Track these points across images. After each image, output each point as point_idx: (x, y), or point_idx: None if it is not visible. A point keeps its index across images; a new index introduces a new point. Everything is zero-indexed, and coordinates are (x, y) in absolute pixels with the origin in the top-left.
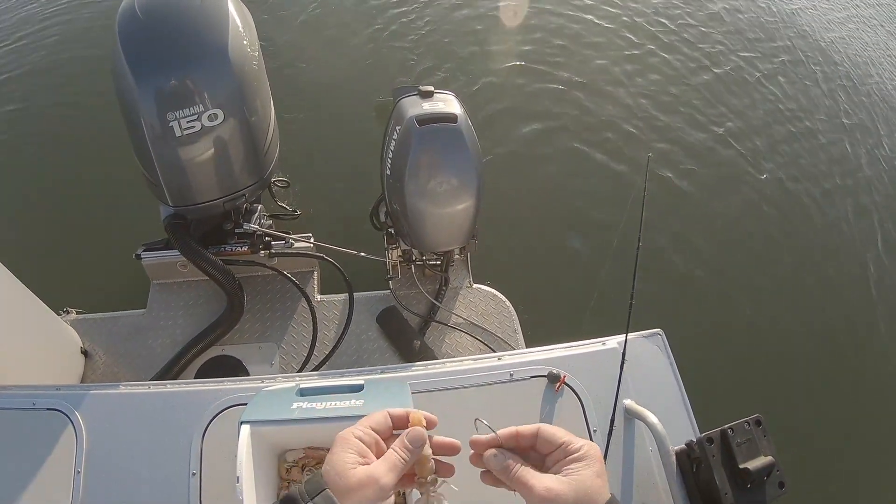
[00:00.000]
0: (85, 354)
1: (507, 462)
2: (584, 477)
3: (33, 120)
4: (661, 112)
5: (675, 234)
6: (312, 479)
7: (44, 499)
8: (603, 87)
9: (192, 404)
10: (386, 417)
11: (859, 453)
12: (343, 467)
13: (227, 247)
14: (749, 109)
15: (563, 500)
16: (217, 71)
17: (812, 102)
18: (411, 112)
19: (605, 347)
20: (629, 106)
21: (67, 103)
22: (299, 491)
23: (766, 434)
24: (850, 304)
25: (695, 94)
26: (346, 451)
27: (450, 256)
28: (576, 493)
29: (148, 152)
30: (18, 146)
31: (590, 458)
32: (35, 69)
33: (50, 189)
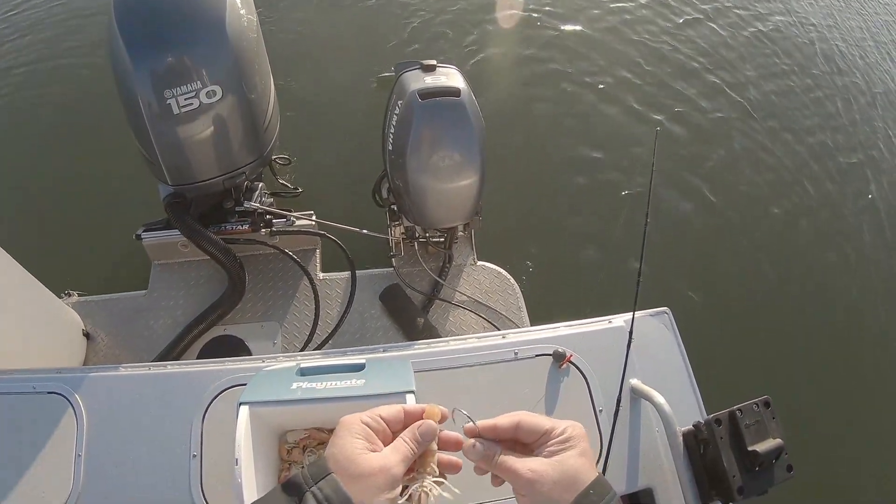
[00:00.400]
0: (87, 336)
1: (486, 452)
2: (566, 457)
3: (31, 103)
4: (671, 82)
5: (683, 211)
6: (316, 463)
7: (45, 483)
8: (611, 59)
9: (193, 385)
10: (400, 412)
11: (864, 438)
12: (353, 452)
13: (228, 225)
14: (765, 79)
15: (548, 479)
16: (215, 47)
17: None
18: (413, 86)
19: (611, 326)
20: (639, 74)
21: (66, 85)
22: (302, 475)
23: (775, 416)
24: (864, 284)
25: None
26: (354, 436)
27: (453, 233)
28: (560, 472)
29: (146, 131)
30: (16, 129)
31: (573, 438)
32: (32, 52)
33: (49, 172)
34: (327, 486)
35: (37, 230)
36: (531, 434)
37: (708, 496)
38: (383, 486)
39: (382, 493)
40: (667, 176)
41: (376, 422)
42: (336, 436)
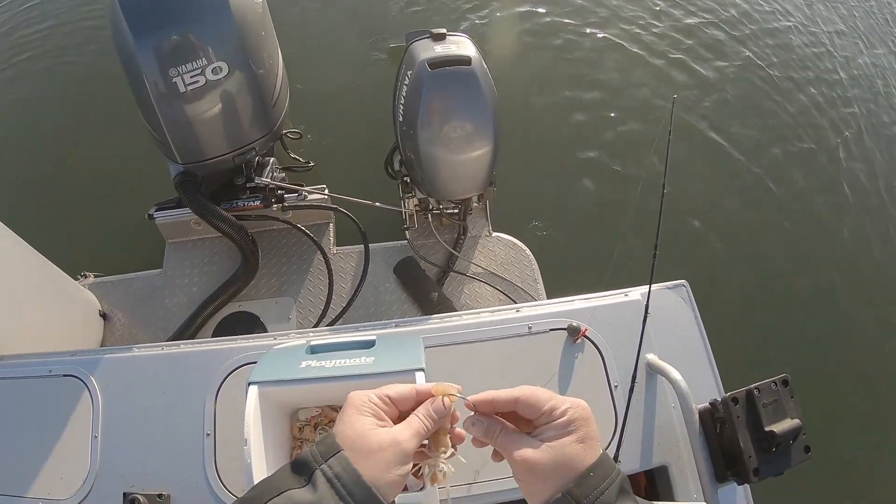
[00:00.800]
0: (104, 317)
1: (485, 430)
2: (564, 444)
3: (41, 86)
4: (686, 54)
5: (702, 182)
6: (325, 441)
7: (63, 464)
8: (626, 30)
9: (206, 365)
10: (411, 391)
11: (887, 420)
12: (362, 429)
13: (240, 202)
14: (793, 59)
15: (541, 468)
16: (218, 23)
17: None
18: (423, 56)
19: (627, 299)
20: (655, 45)
21: (75, 67)
22: (311, 453)
23: (794, 395)
24: (890, 262)
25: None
26: (363, 413)
27: (467, 204)
28: (554, 461)
29: (153, 110)
30: (27, 111)
31: (574, 422)
32: (42, 33)
33: (60, 155)
34: (337, 463)
35: (50, 214)
36: (531, 411)
37: (723, 476)
38: (393, 461)
39: (393, 469)
40: (686, 145)
41: (384, 402)
42: (344, 413)
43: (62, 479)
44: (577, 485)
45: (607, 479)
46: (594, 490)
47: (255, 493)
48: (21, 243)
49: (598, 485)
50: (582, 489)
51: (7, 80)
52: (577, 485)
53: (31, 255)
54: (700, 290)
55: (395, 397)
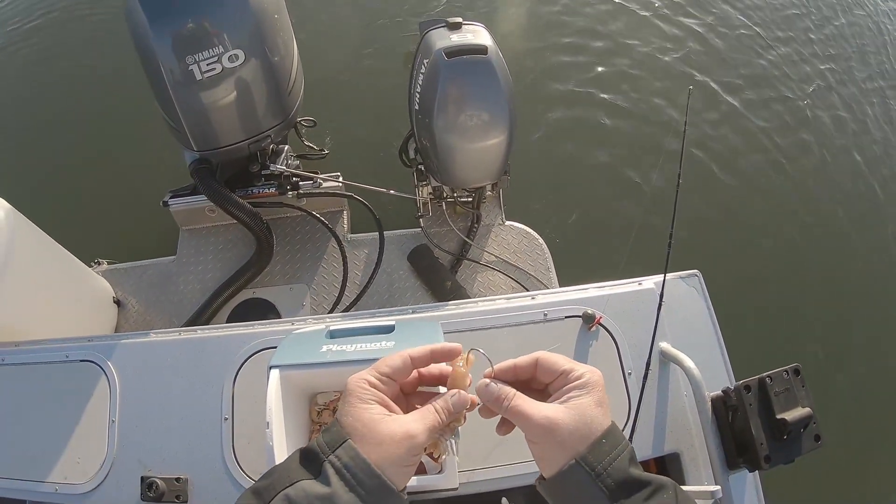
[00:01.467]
0: (118, 304)
1: (499, 392)
2: (584, 404)
3: (55, 72)
4: (703, 45)
5: (716, 172)
6: (331, 430)
7: (81, 449)
8: (642, 16)
9: (223, 349)
10: (406, 361)
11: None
12: (370, 420)
13: (255, 189)
14: (801, 49)
15: (563, 428)
16: (235, 10)
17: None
18: (439, 44)
19: (641, 288)
20: (672, 37)
21: (91, 56)
22: (318, 444)
23: (805, 384)
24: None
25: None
26: (367, 401)
27: (482, 193)
28: (575, 421)
29: (169, 98)
30: (41, 99)
31: (591, 385)
32: (57, 19)
33: (75, 143)
34: (344, 453)
35: (65, 201)
36: (549, 373)
37: (735, 463)
38: (406, 454)
39: (405, 463)
40: (701, 136)
41: (383, 381)
42: (347, 403)
43: (79, 463)
44: (590, 451)
45: (619, 447)
46: (606, 457)
47: (267, 483)
48: (35, 230)
49: (611, 452)
50: (595, 455)
51: (23, 69)
52: (590, 451)
53: (45, 242)
54: (713, 280)
55: (391, 372)
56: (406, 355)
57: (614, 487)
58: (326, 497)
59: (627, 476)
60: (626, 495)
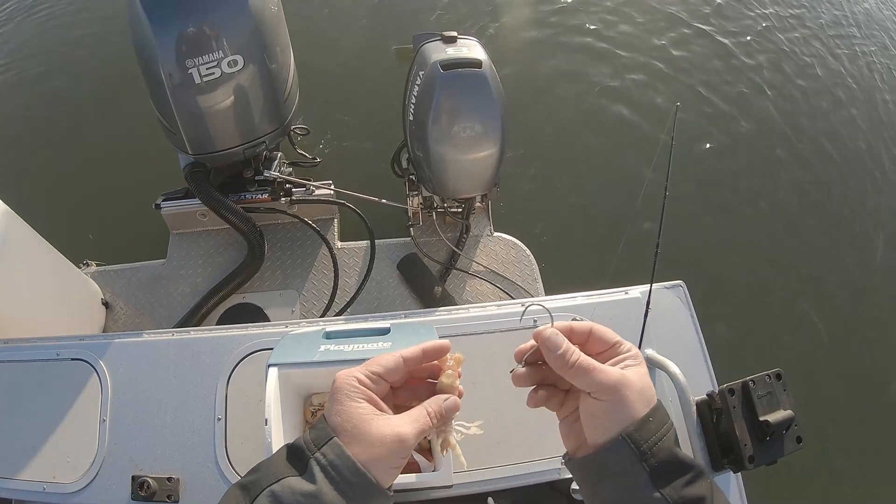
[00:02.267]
0: (106, 306)
1: (567, 346)
2: (642, 372)
3: (48, 74)
4: (690, 60)
5: (699, 185)
6: (317, 426)
7: (71, 448)
8: (630, 34)
9: (217, 350)
10: (399, 362)
11: (875, 413)
12: (359, 418)
13: (248, 194)
14: (785, 59)
15: (636, 387)
16: (236, 15)
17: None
18: (435, 57)
19: (627, 297)
20: (659, 50)
21: (83, 56)
22: (304, 441)
23: (787, 388)
24: (882, 258)
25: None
26: (355, 399)
27: (471, 204)
28: (643, 384)
29: (167, 101)
30: (34, 99)
31: (640, 358)
32: (52, 23)
33: (67, 143)
34: (330, 451)
35: (56, 201)
36: (602, 342)
37: (720, 464)
38: (394, 456)
39: (394, 465)
40: (687, 149)
41: (373, 380)
42: (336, 401)
43: (69, 461)
44: (637, 429)
45: (665, 426)
46: (653, 435)
47: (254, 478)
48: (26, 228)
49: (657, 430)
50: (641, 433)
51: (16, 69)
52: (637, 429)
53: (35, 241)
54: (697, 289)
55: (383, 373)
56: (399, 356)
57: (658, 467)
58: (312, 494)
59: (672, 456)
60: (667, 478)
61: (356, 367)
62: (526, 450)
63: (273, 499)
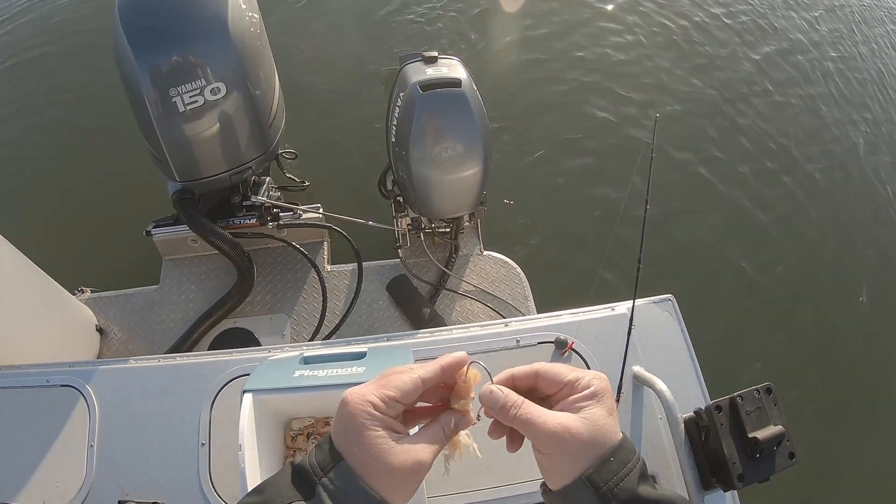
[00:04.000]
0: (100, 332)
1: (505, 399)
2: (597, 415)
3: (40, 101)
4: (669, 73)
5: (686, 198)
6: (323, 449)
7: (59, 473)
8: (609, 49)
9: (201, 376)
10: (418, 385)
11: (870, 426)
12: (378, 448)
13: (236, 220)
14: (768, 69)
15: (578, 438)
16: (218, 44)
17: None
18: (414, 78)
19: (614, 313)
20: (640, 63)
21: (75, 84)
22: (310, 464)
23: (777, 403)
24: (872, 272)
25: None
26: (373, 428)
27: (459, 223)
28: (590, 431)
29: (152, 129)
30: (25, 127)
31: (600, 393)
32: (42, 50)
33: (60, 171)
34: (338, 477)
35: (49, 229)
36: (551, 384)
37: (709, 483)
38: (415, 482)
39: (413, 490)
40: (669, 161)
41: (388, 405)
42: (349, 430)
43: (58, 487)
44: (596, 470)
45: (628, 465)
46: (614, 476)
47: (259, 500)
48: (20, 257)
49: (619, 471)
50: (601, 475)
51: (7, 96)
52: (596, 470)
53: (29, 269)
54: (686, 303)
55: (399, 397)
56: (418, 379)
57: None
58: None
59: (634, 496)
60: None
61: (368, 387)
62: (510, 473)
63: None
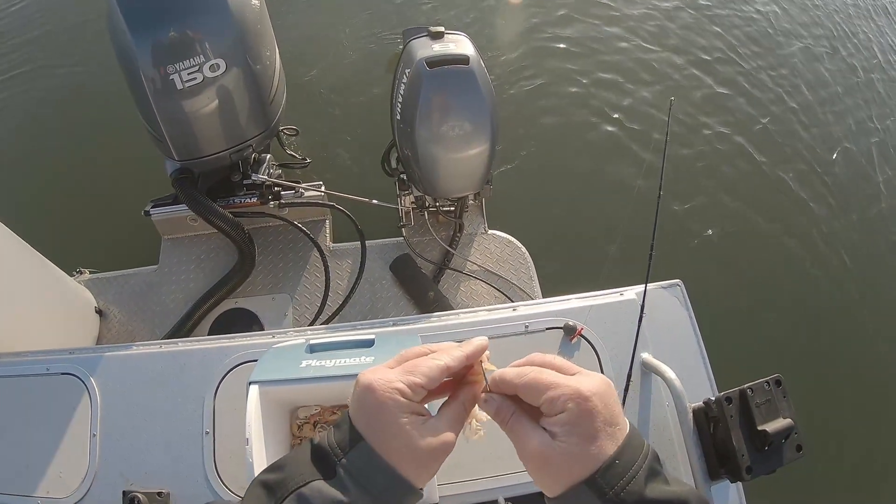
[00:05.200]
0: (100, 313)
1: (497, 407)
2: (571, 445)
3: (37, 82)
4: (683, 54)
5: (699, 183)
6: (342, 428)
7: (62, 463)
8: (622, 31)
9: (204, 363)
10: (444, 372)
11: (879, 420)
12: (408, 435)
13: (236, 199)
14: (782, 57)
15: (553, 464)
16: (216, 19)
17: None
18: (421, 54)
19: (622, 298)
20: (653, 48)
21: (71, 63)
22: (329, 443)
23: (787, 395)
24: (883, 261)
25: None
26: (404, 415)
27: (464, 202)
28: (568, 458)
29: (150, 108)
30: (22, 108)
31: (572, 423)
32: (38, 32)
33: (55, 152)
34: (359, 457)
35: (46, 210)
36: (532, 396)
37: (716, 473)
38: (441, 462)
39: (436, 469)
40: (684, 145)
41: (415, 391)
42: (374, 416)
43: (61, 477)
44: (601, 475)
45: (634, 465)
46: (619, 480)
47: (278, 478)
48: (16, 240)
49: (624, 473)
50: (606, 479)
51: (4, 78)
52: (601, 475)
53: (26, 252)
54: (695, 289)
55: (425, 384)
56: (445, 366)
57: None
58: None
59: (642, 499)
60: None
61: (392, 372)
62: (506, 462)
63: (301, 502)
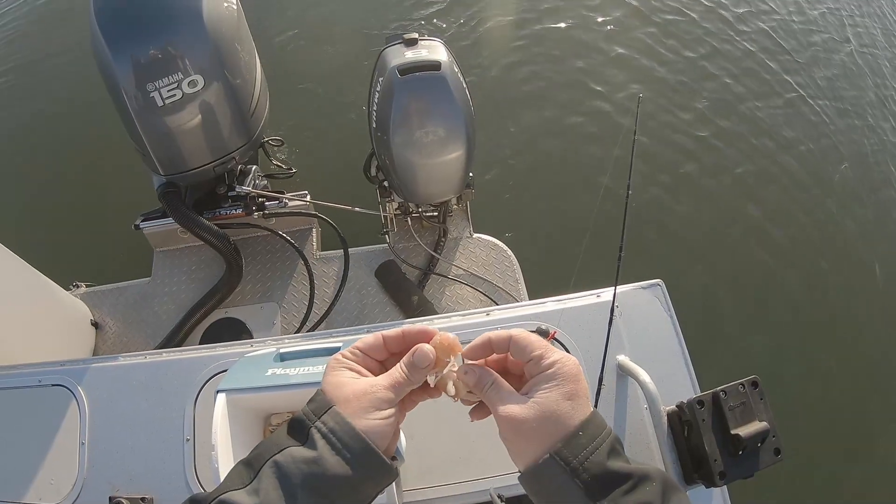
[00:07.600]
0: (95, 326)
1: (480, 377)
2: (550, 399)
3: (27, 98)
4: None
5: (678, 181)
6: (316, 399)
7: (53, 471)
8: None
9: (185, 371)
10: (378, 339)
11: (862, 421)
12: (337, 381)
13: (222, 210)
14: (749, 53)
15: (527, 426)
16: (192, 36)
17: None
18: (393, 62)
19: (599, 300)
20: (628, 42)
21: (60, 80)
22: (304, 412)
23: (763, 397)
24: (865, 260)
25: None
26: (337, 369)
27: (447, 207)
28: (540, 417)
29: (134, 124)
30: (14, 124)
31: (560, 376)
32: (30, 47)
33: (50, 168)
34: (330, 418)
35: (41, 227)
36: (522, 353)
37: (691, 478)
38: (369, 406)
39: (369, 414)
40: (663, 143)
41: (355, 354)
42: (324, 374)
43: (52, 484)
44: (565, 445)
45: (597, 439)
46: (583, 450)
47: (256, 453)
48: (11, 256)
49: (587, 445)
50: (570, 449)
51: None
52: (565, 445)
53: (21, 268)
54: (677, 290)
55: (363, 347)
56: (379, 335)
57: (591, 482)
58: (313, 460)
59: (605, 470)
60: (603, 491)
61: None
62: (488, 464)
63: (276, 468)
